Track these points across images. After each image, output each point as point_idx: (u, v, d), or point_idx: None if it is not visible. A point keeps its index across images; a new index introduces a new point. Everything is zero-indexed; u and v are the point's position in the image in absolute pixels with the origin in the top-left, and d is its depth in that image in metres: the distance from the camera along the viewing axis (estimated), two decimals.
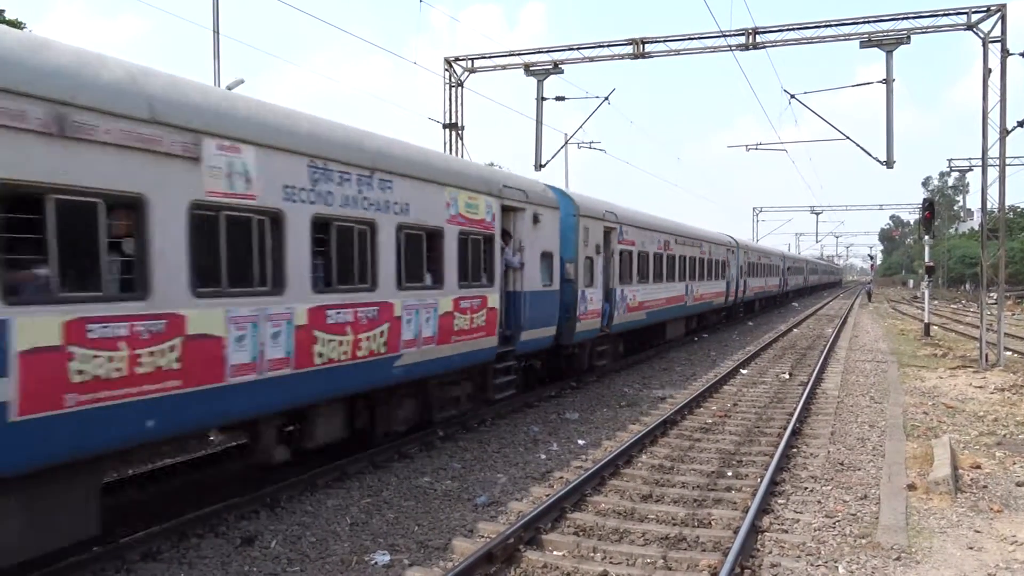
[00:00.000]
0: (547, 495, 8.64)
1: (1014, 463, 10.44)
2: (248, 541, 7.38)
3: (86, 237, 5.99)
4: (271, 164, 7.81)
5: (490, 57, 24.37)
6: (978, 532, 7.69)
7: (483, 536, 7.53)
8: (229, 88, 15.48)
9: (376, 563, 6.93)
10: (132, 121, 6.33)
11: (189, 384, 6.84)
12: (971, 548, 7.25)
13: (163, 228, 6.59)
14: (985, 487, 9.24)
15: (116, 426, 6.22)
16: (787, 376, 18.82)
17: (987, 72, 19.74)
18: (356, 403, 9.91)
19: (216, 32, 16.04)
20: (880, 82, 21.35)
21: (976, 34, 19.78)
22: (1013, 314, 45.07)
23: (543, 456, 10.90)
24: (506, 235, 13.20)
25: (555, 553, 7.19)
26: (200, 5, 21.23)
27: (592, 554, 7.13)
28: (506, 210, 12.98)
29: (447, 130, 24.08)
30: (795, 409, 13.48)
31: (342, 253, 8.90)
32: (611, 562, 6.95)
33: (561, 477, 9.72)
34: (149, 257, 6.47)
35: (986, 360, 20.60)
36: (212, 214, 7.15)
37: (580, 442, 11.75)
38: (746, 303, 39.99)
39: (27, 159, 5.56)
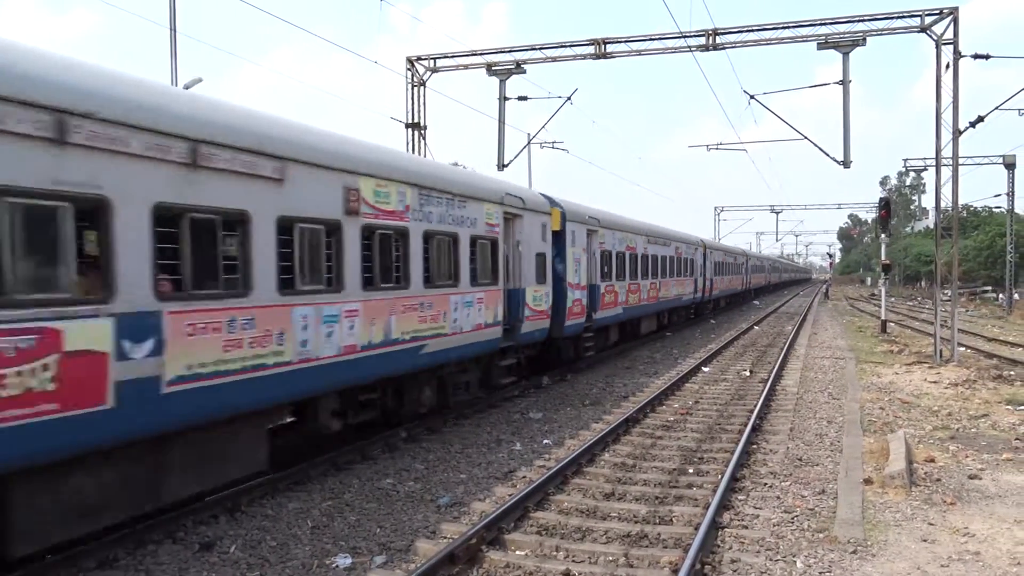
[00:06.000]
0: (510, 495, 8.64)
1: (967, 456, 10.68)
2: (207, 547, 7.28)
3: None
4: None
5: (452, 57, 24.32)
6: (932, 525, 7.86)
7: (446, 537, 7.51)
8: (187, 87, 15.24)
9: (337, 566, 6.88)
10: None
11: None
12: (925, 540, 7.40)
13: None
14: (939, 480, 9.44)
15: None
16: (748, 373, 19.05)
17: (940, 74, 20.18)
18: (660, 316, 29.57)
19: (173, 29, 15.78)
20: (837, 83, 21.74)
21: (929, 36, 20.20)
22: (967, 310, 46.09)
23: (506, 456, 10.90)
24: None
25: (518, 552, 7.20)
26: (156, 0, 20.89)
27: (555, 553, 7.15)
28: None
29: (410, 130, 23.99)
30: (755, 406, 13.65)
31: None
32: (574, 560, 6.98)
33: (524, 476, 9.73)
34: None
35: (940, 356, 21.05)
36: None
37: (544, 441, 11.77)
38: (749, 290, 59.40)
39: None
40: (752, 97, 24.08)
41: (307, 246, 8.78)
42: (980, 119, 22.76)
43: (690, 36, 21.78)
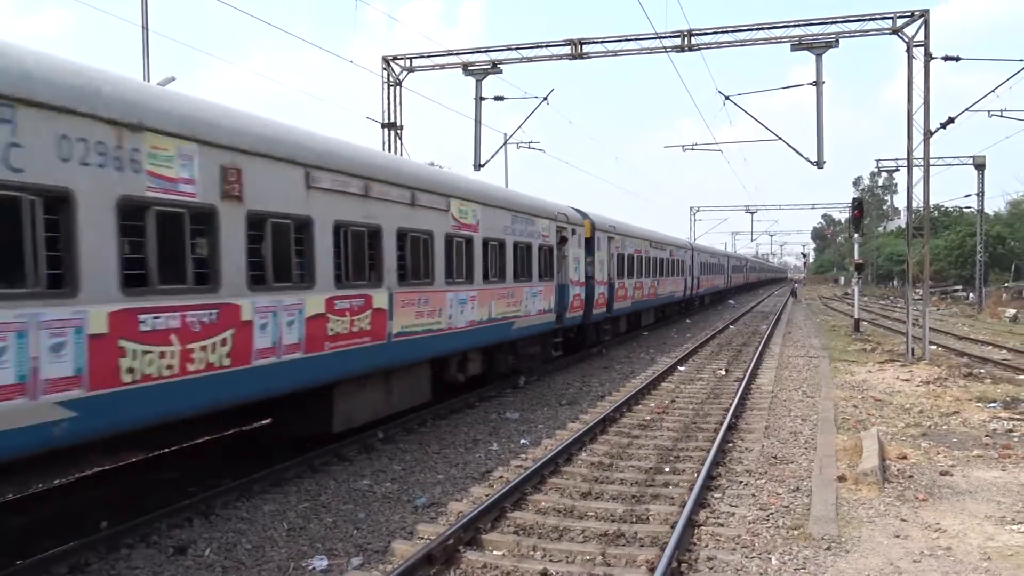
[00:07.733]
0: (487, 495, 8.63)
1: (938, 453, 10.82)
2: (181, 550, 7.20)
3: None
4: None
5: (428, 56, 24.27)
6: (904, 521, 7.95)
7: (423, 538, 7.49)
8: (160, 85, 15.05)
9: (314, 568, 6.84)
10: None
11: None
12: (897, 536, 7.49)
13: None
14: (911, 477, 9.55)
15: None
16: (723, 372, 19.19)
17: (911, 75, 20.44)
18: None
19: (145, 28, 15.60)
20: (811, 84, 21.94)
21: (901, 38, 20.46)
22: (938, 309, 46.73)
23: (484, 456, 10.89)
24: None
25: (495, 553, 7.19)
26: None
27: (532, 553, 7.15)
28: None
29: (386, 130, 23.91)
30: (731, 405, 13.75)
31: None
32: (551, 560, 6.99)
33: (501, 476, 9.73)
34: None
35: (912, 354, 21.31)
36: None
37: (521, 441, 11.77)
38: (748, 283, 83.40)
39: None
40: (727, 98, 24.27)
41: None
42: (951, 120, 23.12)
43: (665, 37, 21.91)
